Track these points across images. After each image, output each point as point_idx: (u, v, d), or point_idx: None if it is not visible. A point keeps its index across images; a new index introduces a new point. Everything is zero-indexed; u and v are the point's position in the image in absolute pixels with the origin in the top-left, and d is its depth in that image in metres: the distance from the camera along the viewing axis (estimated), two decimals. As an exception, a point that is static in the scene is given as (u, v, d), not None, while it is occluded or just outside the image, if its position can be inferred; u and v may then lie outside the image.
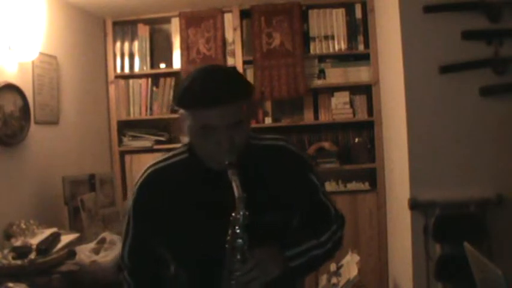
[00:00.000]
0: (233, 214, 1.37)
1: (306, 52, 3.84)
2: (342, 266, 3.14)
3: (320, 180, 1.62)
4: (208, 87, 1.37)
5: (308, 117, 3.88)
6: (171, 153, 1.59)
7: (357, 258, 3.05)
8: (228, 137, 1.38)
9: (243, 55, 3.88)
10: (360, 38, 3.81)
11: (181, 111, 1.44)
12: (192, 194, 1.50)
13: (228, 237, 1.39)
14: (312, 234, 1.53)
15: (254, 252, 1.39)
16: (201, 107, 1.37)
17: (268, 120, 3.90)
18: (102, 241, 2.72)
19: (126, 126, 4.05)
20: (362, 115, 3.83)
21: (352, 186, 3.82)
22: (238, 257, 1.38)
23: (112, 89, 4.02)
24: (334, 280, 3.04)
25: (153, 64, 4.02)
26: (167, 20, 4.01)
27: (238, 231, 1.38)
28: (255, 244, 1.40)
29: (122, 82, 4.04)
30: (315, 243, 1.51)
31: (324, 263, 1.62)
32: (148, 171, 1.55)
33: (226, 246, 1.39)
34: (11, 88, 2.85)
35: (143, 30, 4.01)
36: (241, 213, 1.37)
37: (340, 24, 3.82)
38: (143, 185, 1.55)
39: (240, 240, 1.38)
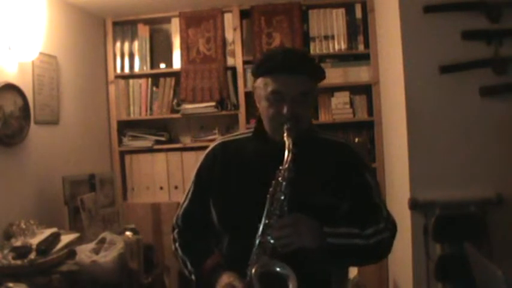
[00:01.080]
0: (280, 167, 1.46)
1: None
2: (342, 266, 3.14)
3: (377, 184, 1.67)
4: (284, 57, 1.56)
5: (308, 117, 3.87)
6: (240, 131, 1.79)
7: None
8: (292, 106, 1.52)
9: (243, 55, 3.88)
10: (360, 38, 3.80)
11: (257, 81, 1.61)
12: (251, 163, 1.62)
13: (271, 189, 1.46)
14: (356, 225, 1.56)
15: (293, 214, 1.45)
16: (276, 72, 1.54)
17: (268, 120, 3.89)
18: (102, 241, 2.72)
19: (126, 126, 4.05)
20: (362, 115, 3.83)
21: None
22: (278, 212, 1.44)
23: (112, 89, 4.02)
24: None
25: (153, 64, 4.02)
26: (167, 20, 4.01)
27: (281, 181, 1.45)
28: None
29: (122, 82, 4.04)
30: (357, 232, 1.54)
31: (367, 261, 1.65)
32: (214, 144, 1.74)
33: (268, 196, 1.46)
34: (11, 88, 2.85)
35: (143, 30, 4.01)
36: (287, 166, 1.45)
37: (340, 24, 3.82)
38: (208, 155, 1.72)
39: (280, 194, 1.45)
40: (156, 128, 4.04)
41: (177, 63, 3.97)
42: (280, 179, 1.46)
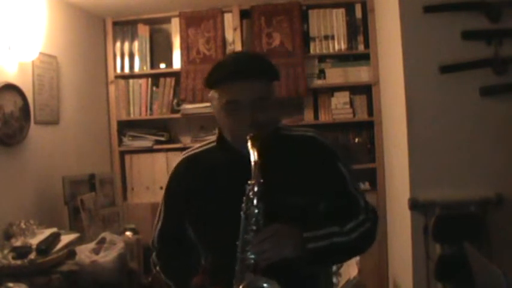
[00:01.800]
0: (248, 182, 1.41)
1: (306, 52, 3.84)
2: (341, 266, 3.14)
3: (351, 172, 1.62)
4: (233, 64, 1.51)
5: (308, 117, 3.88)
6: (201, 144, 1.69)
7: (356, 258, 3.05)
8: (252, 113, 1.45)
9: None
10: (360, 38, 3.80)
11: (211, 92, 1.54)
12: (219, 177, 1.57)
13: (243, 205, 1.41)
14: (335, 222, 1.51)
15: (270, 226, 1.40)
16: (227, 81, 1.47)
17: (268, 120, 3.89)
18: (102, 241, 2.72)
19: (126, 126, 4.05)
20: (362, 115, 3.83)
21: (352, 186, 3.82)
22: (254, 227, 1.40)
23: (112, 89, 4.02)
24: (334, 280, 3.04)
25: (153, 64, 4.01)
26: (167, 20, 4.01)
27: (252, 197, 1.40)
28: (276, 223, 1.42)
29: (122, 82, 4.04)
30: (337, 230, 1.49)
31: (351, 255, 1.62)
32: (179, 160, 1.67)
33: (241, 213, 1.41)
34: (11, 88, 2.85)
35: (143, 30, 4.01)
36: (257, 180, 1.40)
37: (340, 24, 3.82)
38: (174, 172, 1.66)
39: (254, 208, 1.40)
40: (156, 128, 4.04)
41: (177, 63, 3.97)
42: (250, 194, 1.41)
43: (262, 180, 1.40)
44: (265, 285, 1.35)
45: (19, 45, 2.83)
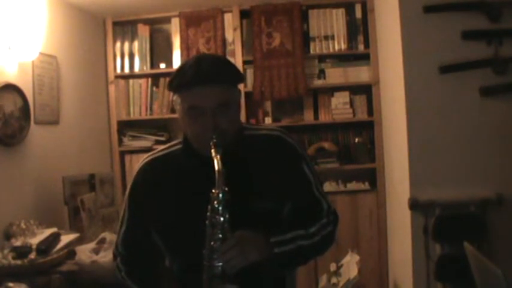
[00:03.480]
0: (213, 190, 1.39)
1: (306, 52, 3.84)
2: (342, 266, 3.14)
3: (315, 174, 1.61)
4: (195, 69, 1.44)
5: (308, 117, 3.88)
6: (166, 145, 1.65)
7: (356, 258, 3.05)
8: (214, 119, 1.43)
9: (243, 55, 3.88)
10: (360, 38, 3.81)
11: (174, 97, 1.51)
12: (184, 182, 1.53)
13: (208, 213, 1.39)
14: (300, 225, 1.52)
15: (236, 233, 1.39)
16: (188, 86, 1.44)
17: (268, 120, 3.90)
18: (102, 241, 2.72)
19: (126, 126, 4.05)
20: (362, 115, 3.83)
21: (352, 186, 3.82)
22: (220, 235, 1.38)
23: (112, 89, 4.02)
24: (334, 280, 3.04)
25: (153, 64, 4.02)
26: (167, 20, 4.01)
27: (217, 206, 1.38)
28: (242, 229, 1.41)
29: (122, 82, 4.04)
30: (302, 234, 1.50)
31: (313, 257, 1.61)
32: (143, 163, 1.62)
33: (206, 222, 1.39)
34: (11, 88, 2.85)
35: (143, 30, 4.01)
36: (221, 189, 1.38)
37: (340, 24, 3.82)
38: (138, 175, 1.61)
39: (220, 217, 1.39)
40: (156, 128, 4.04)
41: (177, 63, 3.97)
42: (215, 203, 1.38)
43: (226, 189, 1.38)
44: None
45: (19, 45, 2.83)
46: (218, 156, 1.39)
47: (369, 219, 3.76)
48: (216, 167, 1.38)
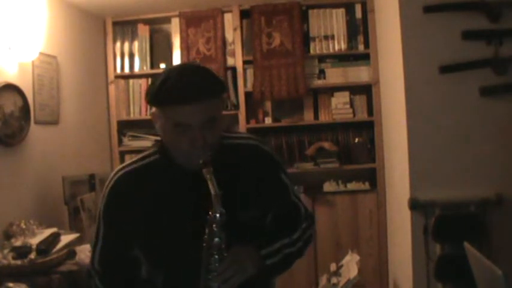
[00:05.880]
0: (210, 213, 1.37)
1: (306, 52, 3.84)
2: (342, 266, 3.14)
3: (290, 180, 1.62)
4: (181, 85, 1.36)
5: (308, 117, 3.88)
6: (140, 156, 1.55)
7: (357, 258, 3.05)
8: (202, 136, 1.37)
9: (243, 55, 3.88)
10: (360, 38, 3.81)
11: (154, 109, 1.43)
12: (165, 196, 1.47)
13: (206, 236, 1.38)
14: (284, 233, 1.53)
15: (231, 251, 1.39)
16: (174, 104, 1.36)
17: (268, 120, 3.90)
18: (102, 241, 2.71)
19: (126, 126, 4.05)
20: (362, 115, 3.83)
21: (352, 186, 3.82)
22: (216, 256, 1.38)
23: (112, 89, 4.02)
24: (334, 280, 3.04)
25: (153, 64, 4.01)
26: (167, 20, 4.01)
27: (215, 229, 1.37)
28: (229, 243, 1.39)
29: (122, 82, 4.04)
30: (287, 242, 1.51)
31: (294, 262, 1.61)
32: (117, 175, 1.51)
33: (204, 245, 1.38)
34: (11, 88, 2.85)
35: (143, 30, 4.01)
36: (219, 211, 1.37)
37: (340, 24, 3.83)
38: (112, 189, 1.51)
39: (217, 239, 1.38)
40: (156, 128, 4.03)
41: (177, 63, 3.96)
42: (214, 226, 1.36)
43: (224, 211, 1.36)
44: None
45: (19, 45, 2.83)
46: (213, 178, 1.35)
47: (369, 219, 3.76)
48: (212, 191, 1.35)
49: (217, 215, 1.37)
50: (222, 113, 1.49)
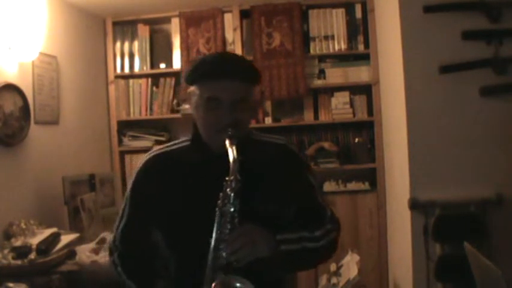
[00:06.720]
0: (226, 178, 1.40)
1: (306, 52, 3.84)
2: (342, 266, 3.14)
3: (317, 182, 1.64)
4: (218, 62, 1.50)
5: (308, 117, 3.88)
6: (171, 143, 1.65)
7: (357, 258, 3.05)
8: (230, 114, 1.44)
9: (243, 55, 3.88)
10: (360, 38, 3.81)
11: (191, 88, 1.52)
12: (190, 177, 1.53)
13: (219, 201, 1.40)
14: (305, 228, 1.53)
15: (244, 225, 1.40)
16: (211, 78, 1.46)
17: (268, 120, 3.90)
18: (102, 241, 2.72)
19: (126, 126, 4.06)
20: (362, 115, 3.83)
21: (352, 186, 3.82)
22: (228, 225, 1.39)
23: (112, 89, 4.02)
24: (334, 280, 3.04)
25: (153, 64, 4.02)
26: (167, 20, 4.01)
27: (229, 193, 1.39)
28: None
29: (122, 82, 4.04)
30: (308, 236, 1.51)
31: (318, 261, 1.62)
32: (148, 156, 1.61)
33: (216, 209, 1.40)
34: (11, 88, 2.85)
35: (143, 30, 4.01)
36: (234, 176, 1.39)
37: (340, 24, 3.83)
38: (142, 170, 1.60)
39: (230, 206, 1.39)
40: (156, 128, 4.04)
41: (177, 63, 3.97)
42: (228, 190, 1.39)
43: (239, 177, 1.40)
44: (238, 285, 1.34)
45: (19, 45, 2.83)
46: (233, 146, 1.41)
47: (369, 219, 3.76)
48: (231, 155, 1.40)
49: (233, 180, 1.39)
50: (253, 101, 1.56)
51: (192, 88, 1.52)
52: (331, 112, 3.85)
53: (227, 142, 1.41)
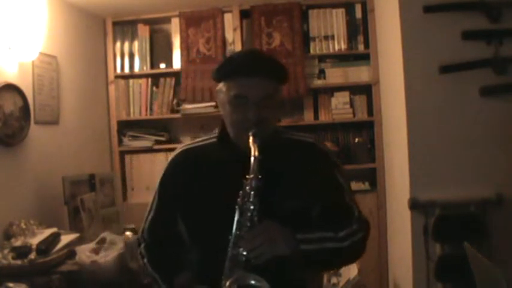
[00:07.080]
0: (247, 176, 1.41)
1: (306, 52, 3.84)
2: (342, 266, 3.14)
3: (347, 182, 1.64)
4: (246, 60, 1.52)
5: (308, 117, 3.88)
6: (201, 138, 1.68)
7: (357, 258, 3.04)
8: (257, 110, 1.46)
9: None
10: (360, 38, 3.81)
11: (220, 85, 1.54)
12: (217, 173, 1.56)
13: (239, 199, 1.41)
14: (329, 228, 1.52)
15: (263, 223, 1.40)
16: (238, 75, 1.48)
17: (268, 120, 3.89)
18: (102, 241, 2.72)
19: (126, 126, 4.05)
20: (362, 115, 3.83)
21: (352, 186, 3.77)
22: (248, 223, 1.39)
23: (112, 89, 4.02)
24: (334, 280, 3.04)
25: (153, 64, 4.02)
26: (167, 20, 4.01)
27: (248, 191, 1.40)
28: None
29: (122, 82, 4.04)
30: (331, 236, 1.49)
31: (343, 262, 1.63)
32: (178, 151, 1.67)
33: (236, 206, 1.41)
34: (11, 88, 2.85)
35: (143, 30, 4.01)
36: (254, 175, 1.40)
37: (340, 24, 3.83)
38: (170, 164, 1.65)
39: (249, 204, 1.40)
40: (156, 128, 4.04)
41: (177, 63, 3.97)
42: (247, 188, 1.41)
43: (260, 176, 1.40)
44: (253, 282, 1.33)
45: (19, 45, 2.83)
46: (256, 145, 1.42)
47: (369, 219, 3.74)
48: (253, 153, 1.41)
49: (253, 178, 1.40)
50: (279, 100, 1.57)
51: (220, 85, 1.54)
52: (331, 112, 3.85)
53: (250, 140, 1.43)
